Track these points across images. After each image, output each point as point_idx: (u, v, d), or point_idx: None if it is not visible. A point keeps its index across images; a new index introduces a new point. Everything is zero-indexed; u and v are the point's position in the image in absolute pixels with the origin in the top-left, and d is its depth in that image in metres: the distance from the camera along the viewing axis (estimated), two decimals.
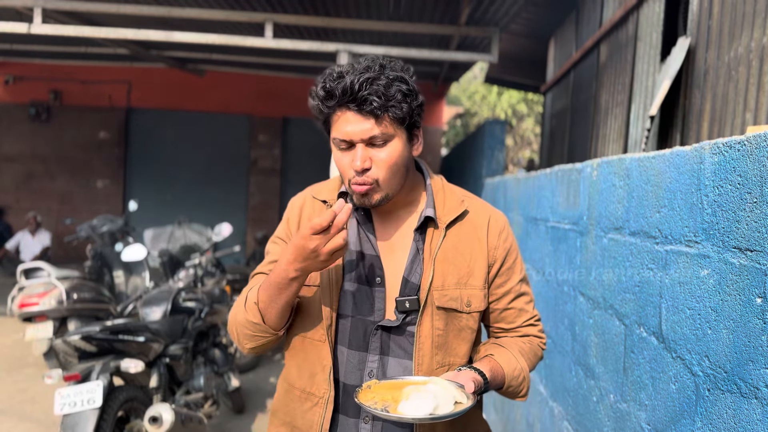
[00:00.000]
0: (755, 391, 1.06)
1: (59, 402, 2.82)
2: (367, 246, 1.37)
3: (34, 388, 4.67)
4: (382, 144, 1.27)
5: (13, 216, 10.56)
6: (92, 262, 6.16)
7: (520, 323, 1.45)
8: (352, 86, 1.22)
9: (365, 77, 1.23)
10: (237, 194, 10.84)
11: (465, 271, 1.36)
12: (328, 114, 1.28)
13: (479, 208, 1.44)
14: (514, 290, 1.43)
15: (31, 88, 10.57)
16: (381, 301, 1.34)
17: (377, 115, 1.24)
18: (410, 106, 1.28)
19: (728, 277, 1.17)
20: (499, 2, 5.23)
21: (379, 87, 1.23)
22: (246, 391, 4.77)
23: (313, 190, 1.47)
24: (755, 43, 2.80)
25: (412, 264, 1.35)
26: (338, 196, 1.41)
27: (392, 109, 1.25)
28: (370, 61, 1.28)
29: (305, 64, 8.72)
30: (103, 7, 5.85)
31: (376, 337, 1.33)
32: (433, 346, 1.33)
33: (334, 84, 1.24)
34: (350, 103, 1.23)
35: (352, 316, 1.34)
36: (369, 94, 1.22)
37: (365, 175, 1.27)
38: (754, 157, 1.10)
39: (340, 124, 1.26)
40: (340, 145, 1.28)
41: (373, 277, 1.35)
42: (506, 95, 16.20)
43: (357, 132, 1.25)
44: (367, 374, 1.34)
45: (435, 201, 1.39)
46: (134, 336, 3.21)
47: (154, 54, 8.39)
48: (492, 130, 5.52)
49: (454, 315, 1.34)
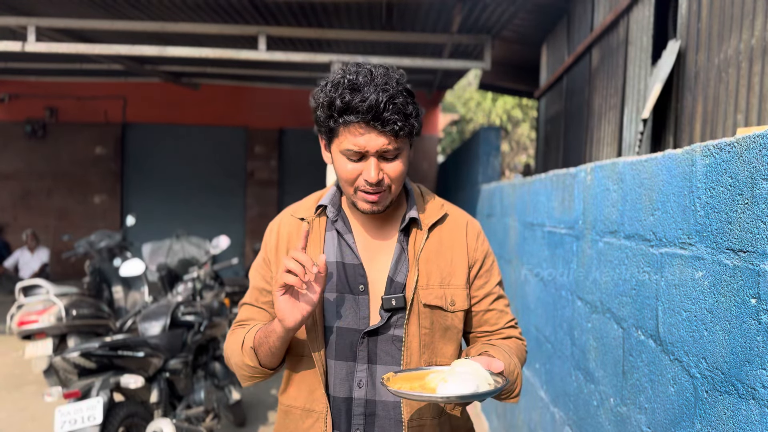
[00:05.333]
0: (752, 392, 1.07)
1: (59, 420, 2.81)
2: (349, 255, 1.38)
3: (34, 406, 4.64)
4: (394, 157, 1.30)
5: (10, 233, 10.54)
6: (91, 278, 6.15)
7: (502, 325, 1.46)
8: (377, 105, 1.23)
9: (388, 96, 1.24)
10: (234, 206, 10.84)
11: (447, 271, 1.38)
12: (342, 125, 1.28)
13: (457, 213, 1.48)
14: (493, 292, 1.45)
15: (27, 106, 10.58)
16: (365, 309, 1.35)
17: (397, 134, 1.26)
18: (419, 121, 1.32)
19: (722, 279, 1.18)
20: (491, 10, 5.27)
21: (399, 106, 1.25)
22: (247, 404, 4.75)
23: (291, 209, 1.49)
24: (744, 44, 2.82)
25: (397, 264, 1.37)
26: (315, 210, 1.42)
27: (409, 127, 1.28)
28: (383, 74, 1.28)
29: (300, 76, 8.75)
30: (96, 24, 5.87)
31: (363, 345, 1.34)
32: (420, 345, 1.34)
33: (352, 97, 1.24)
34: (373, 121, 1.24)
35: (337, 327, 1.35)
36: (392, 113, 1.24)
37: (379, 186, 1.30)
38: (744, 159, 1.11)
39: (354, 137, 1.27)
40: (352, 156, 1.29)
41: (356, 285, 1.36)
42: (501, 101, 16.26)
43: (373, 146, 1.26)
44: (357, 384, 1.34)
45: (417, 205, 1.42)
46: (134, 351, 3.20)
47: (148, 69, 8.41)
48: (487, 137, 5.54)
49: (439, 313, 1.36)
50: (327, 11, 5.66)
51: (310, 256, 1.26)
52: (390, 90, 1.25)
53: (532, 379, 2.97)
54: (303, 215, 1.44)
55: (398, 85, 1.28)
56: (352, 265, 1.37)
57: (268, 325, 1.34)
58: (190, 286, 4.24)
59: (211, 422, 3.74)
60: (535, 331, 2.94)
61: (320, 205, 1.42)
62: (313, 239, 1.40)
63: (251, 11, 5.69)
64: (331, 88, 1.28)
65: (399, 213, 1.43)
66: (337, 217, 1.41)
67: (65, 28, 6.16)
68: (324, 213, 1.42)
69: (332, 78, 1.31)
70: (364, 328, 1.34)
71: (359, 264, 1.37)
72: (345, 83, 1.26)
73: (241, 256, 10.40)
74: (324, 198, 1.44)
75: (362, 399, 1.34)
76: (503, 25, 5.70)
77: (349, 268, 1.37)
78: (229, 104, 10.56)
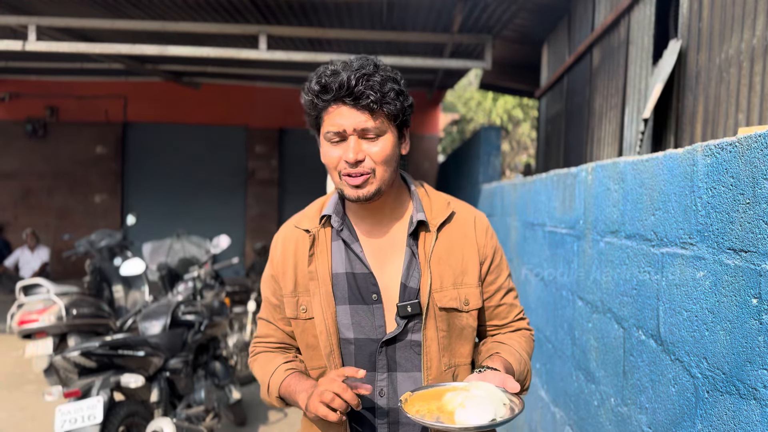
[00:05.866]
0: (753, 392, 1.06)
1: (60, 419, 2.80)
2: (358, 265, 1.36)
3: (34, 405, 4.64)
4: (375, 138, 1.29)
5: (11, 233, 10.54)
6: (91, 277, 6.15)
7: (512, 318, 1.46)
8: (348, 81, 1.24)
9: (361, 73, 1.25)
10: (235, 206, 10.83)
11: (459, 271, 1.37)
12: (322, 108, 1.29)
13: (464, 209, 1.46)
14: (504, 287, 1.45)
15: (28, 105, 10.58)
16: (381, 318, 1.34)
17: (372, 109, 1.26)
18: (402, 104, 1.31)
19: (724, 279, 1.18)
20: (492, 9, 5.26)
21: (374, 83, 1.26)
22: (247, 403, 4.75)
23: (294, 220, 1.47)
24: (745, 44, 2.82)
25: (409, 269, 1.35)
26: (320, 220, 1.40)
27: (386, 105, 1.27)
28: (363, 60, 1.30)
29: (301, 75, 8.75)
30: (97, 23, 5.87)
31: (382, 354, 1.33)
32: (439, 349, 1.33)
33: (330, 79, 1.26)
34: (346, 98, 1.25)
35: (355, 339, 1.34)
36: (365, 88, 1.24)
37: (360, 167, 1.28)
38: (746, 158, 1.11)
39: (333, 117, 1.28)
40: (332, 139, 1.29)
41: (369, 295, 1.34)
42: (501, 101, 16.25)
43: (351, 123, 1.26)
44: (378, 393, 1.33)
45: (423, 205, 1.40)
46: (134, 351, 3.20)
47: (149, 68, 8.41)
48: (487, 136, 5.53)
49: (455, 315, 1.35)
50: (328, 11, 5.65)
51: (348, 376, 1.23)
52: (363, 70, 1.26)
53: (533, 378, 2.97)
54: (307, 226, 1.41)
55: (377, 68, 1.29)
56: (363, 274, 1.35)
57: (294, 392, 1.32)
58: (190, 286, 4.24)
59: (212, 422, 3.74)
60: (535, 330, 2.94)
61: (324, 215, 1.40)
62: (320, 251, 1.37)
63: (252, 11, 5.69)
64: (313, 77, 1.31)
65: (404, 215, 1.41)
66: (342, 227, 1.38)
67: (66, 28, 6.16)
68: (329, 223, 1.40)
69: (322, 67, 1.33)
70: (382, 338, 1.33)
71: (369, 273, 1.35)
72: (326, 72, 1.29)
73: (241, 255, 10.40)
74: (327, 207, 1.41)
75: (385, 408, 1.34)
76: (504, 24, 5.70)
77: (359, 278, 1.35)
78: (230, 104, 10.55)
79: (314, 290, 1.35)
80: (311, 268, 1.36)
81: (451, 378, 1.35)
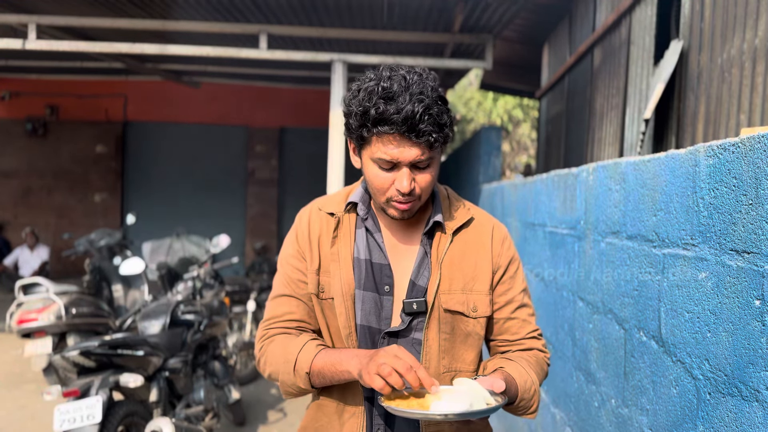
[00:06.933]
0: (756, 394, 1.06)
1: (59, 418, 2.80)
2: (377, 254, 1.38)
3: (33, 404, 4.64)
4: (426, 167, 1.29)
5: (11, 232, 10.54)
6: (90, 277, 6.14)
7: (523, 335, 1.43)
8: (413, 116, 1.20)
9: (424, 107, 1.21)
10: (235, 205, 10.83)
11: (470, 276, 1.37)
12: (374, 134, 1.25)
13: (484, 217, 1.46)
14: (516, 300, 1.42)
15: (28, 104, 10.57)
16: (388, 309, 1.35)
17: (431, 146, 1.25)
18: (453, 130, 1.30)
19: (726, 280, 1.17)
20: (492, 9, 5.25)
21: (434, 115, 1.22)
22: (246, 403, 4.74)
23: (319, 203, 1.46)
24: (747, 44, 2.81)
25: (420, 267, 1.36)
26: (345, 207, 1.41)
27: (445, 138, 1.27)
28: (418, 79, 1.25)
29: (301, 74, 8.74)
30: (97, 22, 5.86)
31: (384, 345, 1.33)
32: (440, 350, 1.34)
33: (386, 107, 1.21)
34: (408, 133, 1.22)
35: (361, 325, 1.35)
36: (428, 125, 1.21)
37: (410, 195, 1.29)
38: (748, 159, 1.10)
39: (387, 146, 1.25)
40: (383, 165, 1.27)
41: (383, 285, 1.36)
42: (502, 101, 16.25)
43: (407, 157, 1.25)
44: None
45: (442, 208, 1.41)
46: (133, 350, 3.19)
47: (149, 67, 8.40)
48: (488, 137, 5.53)
49: (460, 319, 1.35)
50: (328, 10, 5.64)
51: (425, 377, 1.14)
52: (426, 100, 1.21)
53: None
54: (333, 210, 1.42)
55: (433, 92, 1.24)
56: (380, 264, 1.37)
57: (339, 361, 1.26)
58: (190, 285, 4.24)
59: (211, 421, 3.73)
60: None
61: (350, 202, 1.41)
62: (343, 234, 1.38)
63: (252, 10, 5.67)
64: (365, 96, 1.25)
65: (424, 216, 1.42)
66: (367, 215, 1.40)
67: (66, 26, 6.15)
68: (353, 210, 1.41)
69: (365, 85, 1.27)
70: (385, 329, 1.34)
71: (387, 264, 1.36)
72: (379, 91, 1.23)
73: (241, 255, 10.39)
74: (353, 195, 1.42)
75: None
76: (505, 24, 5.69)
77: (376, 267, 1.36)
78: (230, 103, 10.55)
79: (335, 271, 1.36)
80: (334, 249, 1.37)
81: (449, 382, 1.34)
